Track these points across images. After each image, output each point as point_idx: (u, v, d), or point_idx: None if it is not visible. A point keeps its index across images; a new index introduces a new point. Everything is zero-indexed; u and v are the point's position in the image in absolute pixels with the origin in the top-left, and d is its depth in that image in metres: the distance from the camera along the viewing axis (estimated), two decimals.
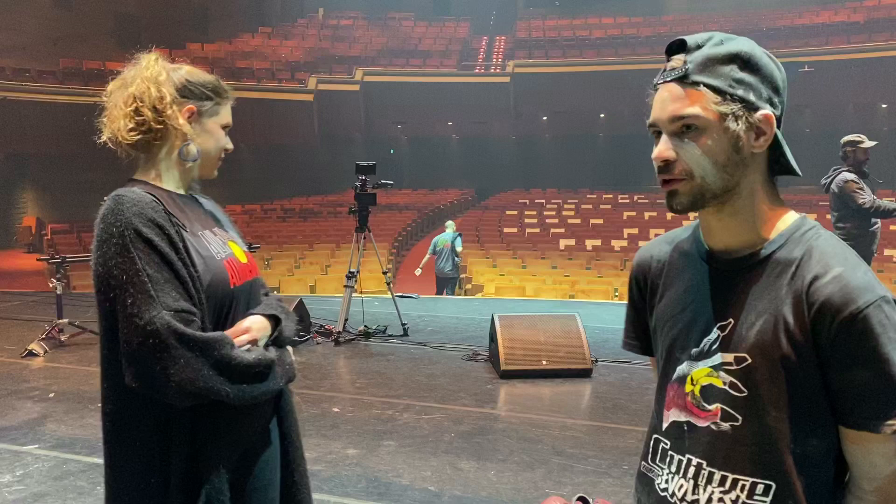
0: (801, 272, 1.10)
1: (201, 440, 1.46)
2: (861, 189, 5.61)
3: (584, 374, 5.49)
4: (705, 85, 1.10)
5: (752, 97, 1.10)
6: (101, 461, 1.52)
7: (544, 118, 27.03)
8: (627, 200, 22.67)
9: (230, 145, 1.67)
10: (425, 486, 3.52)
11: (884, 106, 23.27)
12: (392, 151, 26.59)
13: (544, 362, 5.48)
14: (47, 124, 19.86)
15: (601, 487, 3.47)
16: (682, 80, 1.11)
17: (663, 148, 1.12)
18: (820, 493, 1.12)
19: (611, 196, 23.55)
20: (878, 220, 5.74)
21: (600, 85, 24.29)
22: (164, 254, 1.42)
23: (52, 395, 5.04)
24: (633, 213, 20.43)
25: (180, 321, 1.38)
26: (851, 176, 5.63)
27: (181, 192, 1.61)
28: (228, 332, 1.50)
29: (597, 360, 5.70)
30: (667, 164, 1.12)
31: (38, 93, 20.84)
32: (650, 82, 1.17)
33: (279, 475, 1.63)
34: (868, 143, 5.69)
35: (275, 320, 1.59)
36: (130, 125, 1.52)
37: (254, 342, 1.53)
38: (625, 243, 16.85)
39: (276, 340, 1.59)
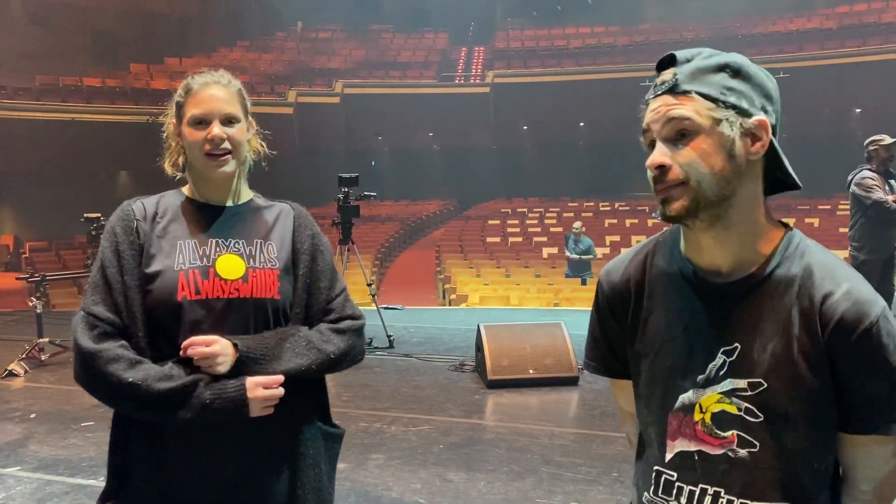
0: (806, 290, 1.10)
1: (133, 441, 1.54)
2: (877, 186, 5.39)
3: (571, 381, 5.49)
4: (697, 93, 1.08)
5: (744, 104, 1.08)
6: (84, 482, 1.51)
7: (524, 127, 27.14)
8: (609, 208, 22.82)
9: (201, 135, 1.57)
10: (415, 498, 3.50)
11: (857, 110, 23.61)
12: (374, 163, 26.56)
13: (531, 371, 5.48)
14: (24, 141, 19.61)
15: (591, 496, 3.47)
16: (673, 90, 1.09)
17: (658, 153, 1.09)
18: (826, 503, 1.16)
19: (592, 204, 23.69)
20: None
21: (579, 94, 24.45)
22: (104, 259, 1.53)
23: (33, 415, 4.96)
24: (615, 221, 20.57)
25: (85, 323, 1.48)
26: (870, 174, 5.50)
27: (200, 198, 1.65)
28: (194, 338, 1.48)
29: (583, 368, 5.69)
30: (661, 172, 1.09)
31: (14, 110, 20.62)
32: (629, 90, 1.18)
33: None
34: (888, 141, 5.54)
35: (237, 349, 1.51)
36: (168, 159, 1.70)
37: (208, 359, 1.47)
38: (607, 250, 16.92)
39: (243, 370, 1.51)
